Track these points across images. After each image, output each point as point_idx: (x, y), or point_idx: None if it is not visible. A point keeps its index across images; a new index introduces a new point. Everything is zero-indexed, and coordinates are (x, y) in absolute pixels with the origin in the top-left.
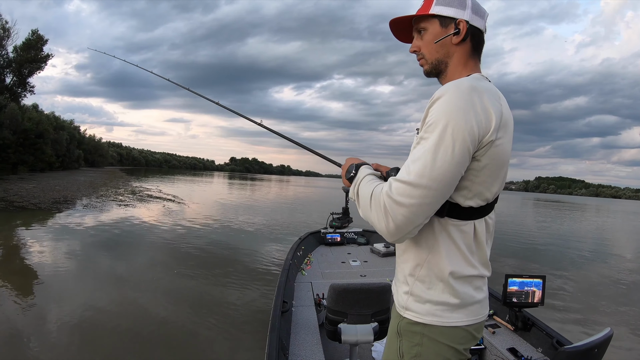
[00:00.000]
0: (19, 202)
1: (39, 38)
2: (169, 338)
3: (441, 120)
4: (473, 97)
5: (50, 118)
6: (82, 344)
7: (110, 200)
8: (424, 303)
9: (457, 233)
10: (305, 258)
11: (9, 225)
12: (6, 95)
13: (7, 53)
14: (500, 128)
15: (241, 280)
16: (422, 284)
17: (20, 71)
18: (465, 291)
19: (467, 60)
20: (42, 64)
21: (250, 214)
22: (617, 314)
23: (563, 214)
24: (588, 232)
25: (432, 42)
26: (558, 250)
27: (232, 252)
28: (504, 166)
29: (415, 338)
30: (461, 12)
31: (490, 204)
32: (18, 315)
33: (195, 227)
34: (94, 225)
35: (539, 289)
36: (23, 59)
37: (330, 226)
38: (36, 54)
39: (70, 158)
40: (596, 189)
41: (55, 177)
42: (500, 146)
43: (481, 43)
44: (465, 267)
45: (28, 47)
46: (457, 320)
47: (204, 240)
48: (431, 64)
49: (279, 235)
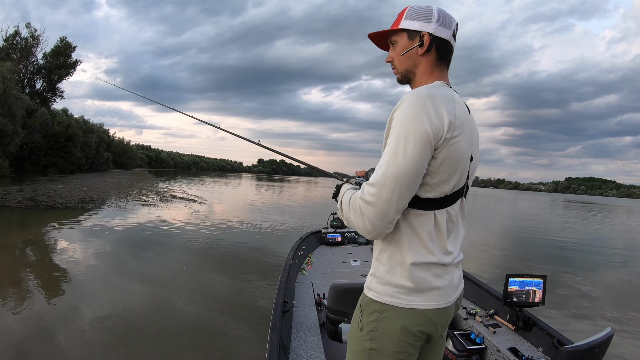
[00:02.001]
0: (47, 201)
1: (67, 45)
2: (168, 337)
3: (399, 126)
4: (427, 103)
5: (80, 122)
6: (107, 339)
7: (134, 201)
8: (383, 285)
9: (418, 222)
10: (306, 258)
11: (37, 223)
12: (36, 101)
13: (37, 60)
14: (455, 128)
15: (242, 280)
16: (384, 267)
17: (49, 77)
18: (423, 277)
19: (433, 69)
20: (70, 69)
21: (276, 214)
22: (618, 313)
23: (588, 215)
24: (609, 234)
25: (400, 54)
26: (569, 250)
27: (245, 251)
28: (460, 162)
29: (374, 315)
30: (426, 25)
31: (451, 196)
32: (48, 311)
33: (216, 228)
34: (117, 224)
35: (540, 288)
36: (52, 65)
37: (331, 226)
38: (65, 60)
39: (99, 160)
40: (627, 190)
41: (83, 179)
42: (455, 145)
43: (448, 51)
44: (424, 254)
45: (57, 53)
46: (412, 304)
47: (221, 240)
48: (401, 73)
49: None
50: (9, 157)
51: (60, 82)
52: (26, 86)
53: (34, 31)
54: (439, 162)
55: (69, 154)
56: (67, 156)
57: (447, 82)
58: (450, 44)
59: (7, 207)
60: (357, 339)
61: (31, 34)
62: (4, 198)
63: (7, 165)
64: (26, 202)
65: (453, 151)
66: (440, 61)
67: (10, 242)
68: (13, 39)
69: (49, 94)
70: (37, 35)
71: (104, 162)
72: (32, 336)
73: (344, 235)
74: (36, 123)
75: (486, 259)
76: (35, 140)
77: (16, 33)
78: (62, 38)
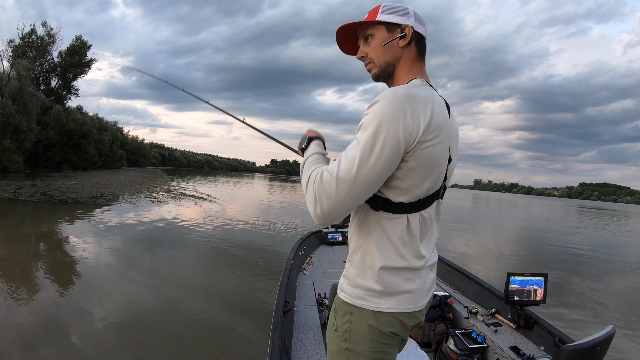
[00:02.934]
0: (59, 196)
1: (82, 44)
2: (172, 335)
3: (373, 125)
4: (404, 104)
5: (94, 119)
6: (117, 333)
7: (144, 197)
8: (354, 287)
9: (390, 226)
10: (307, 258)
11: (48, 217)
12: (52, 98)
13: (53, 58)
14: (430, 132)
15: (247, 280)
16: (355, 269)
17: (65, 75)
18: (392, 281)
19: (413, 63)
20: (86, 68)
21: (283, 214)
22: (620, 311)
23: (599, 222)
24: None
25: (380, 45)
26: (576, 254)
27: (251, 250)
28: (436, 166)
29: (346, 316)
30: (405, 19)
31: (424, 200)
32: (58, 304)
33: (223, 226)
34: (126, 219)
35: (541, 287)
36: (68, 63)
37: (331, 226)
38: (80, 59)
39: (112, 158)
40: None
41: (96, 175)
42: (429, 148)
43: (424, 48)
44: (395, 258)
45: (72, 52)
46: (382, 307)
47: (227, 238)
48: (380, 67)
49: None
50: (23, 153)
51: (75, 80)
52: (42, 84)
53: (50, 30)
54: (410, 165)
55: (82, 151)
56: (80, 153)
57: (427, 80)
58: (425, 41)
59: (21, 201)
60: (334, 339)
61: (47, 33)
62: (17, 192)
63: (22, 161)
64: (39, 196)
65: (426, 155)
66: (419, 56)
67: (20, 234)
68: (29, 37)
69: (64, 91)
70: (52, 34)
71: (117, 159)
72: (44, 330)
73: (345, 235)
74: (50, 120)
75: (493, 260)
76: (50, 137)
77: (32, 31)
78: (78, 37)
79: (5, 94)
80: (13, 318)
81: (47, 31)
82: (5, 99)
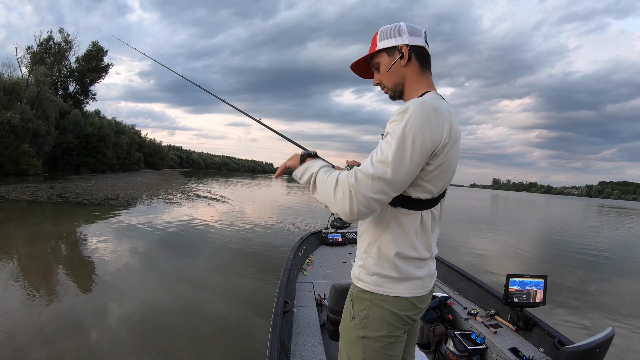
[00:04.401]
0: (74, 197)
1: (99, 49)
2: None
3: (405, 132)
4: (431, 116)
5: (112, 123)
6: (136, 333)
7: (158, 199)
8: (372, 275)
9: (406, 220)
10: (306, 258)
11: (61, 217)
12: (70, 103)
13: (70, 63)
14: (450, 139)
15: (246, 280)
16: (372, 259)
17: (82, 80)
18: (406, 268)
19: (420, 77)
20: (102, 73)
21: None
22: (619, 313)
23: (617, 221)
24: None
25: (385, 71)
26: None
27: (260, 250)
28: (451, 168)
29: (364, 303)
30: (400, 38)
31: (436, 198)
32: (79, 304)
33: (235, 226)
34: (138, 220)
35: (541, 288)
36: (85, 68)
37: (331, 226)
38: (97, 64)
39: (130, 160)
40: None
41: (113, 178)
42: (448, 154)
43: (426, 56)
44: (409, 249)
45: (89, 57)
46: (398, 292)
47: (237, 239)
48: (391, 89)
49: None
50: (42, 156)
51: (93, 85)
52: (60, 89)
53: (67, 36)
54: (432, 168)
55: (100, 154)
56: (98, 156)
57: (436, 91)
58: (426, 49)
59: (38, 202)
60: (350, 329)
61: (64, 39)
62: (34, 194)
63: (40, 164)
64: (55, 198)
65: (446, 159)
66: (423, 67)
67: (37, 234)
68: (46, 43)
69: (81, 96)
70: (69, 40)
71: (135, 162)
72: (65, 327)
73: (344, 236)
74: (68, 124)
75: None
76: (68, 141)
77: (49, 38)
78: (94, 43)
79: (24, 100)
80: (36, 315)
81: (64, 37)
82: (24, 105)
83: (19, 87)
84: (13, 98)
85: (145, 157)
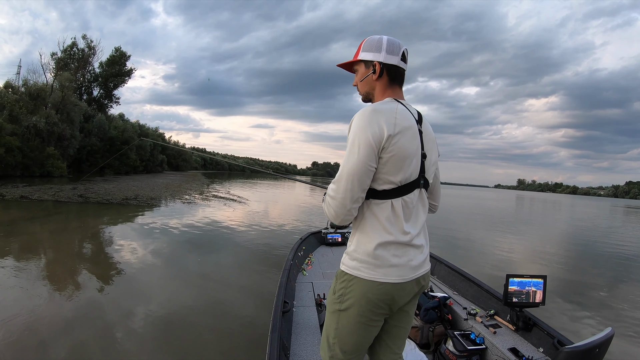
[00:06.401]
0: (95, 198)
1: (122, 54)
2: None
3: (351, 137)
4: (370, 117)
5: (135, 126)
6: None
7: (176, 199)
8: (353, 260)
9: (378, 209)
10: (306, 258)
11: (86, 215)
12: (93, 107)
13: (94, 68)
14: (394, 135)
15: (245, 281)
16: (353, 246)
17: (106, 84)
18: (382, 255)
19: (385, 90)
20: (125, 77)
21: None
22: (618, 313)
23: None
24: None
25: (359, 80)
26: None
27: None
28: (405, 159)
29: (343, 283)
30: (377, 55)
31: (403, 187)
32: (102, 301)
33: (249, 227)
34: (152, 219)
35: (540, 288)
36: (108, 73)
37: (331, 226)
38: (120, 69)
39: (153, 162)
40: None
41: (136, 179)
42: (396, 145)
43: (398, 74)
44: (384, 234)
45: (112, 62)
46: (373, 277)
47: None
48: (362, 95)
49: None
50: (67, 159)
51: (116, 89)
52: (84, 93)
53: (90, 42)
54: (385, 160)
55: (124, 156)
56: (122, 158)
57: (397, 98)
58: (399, 68)
59: (59, 202)
60: (331, 301)
61: (87, 45)
62: (56, 194)
63: (65, 166)
64: (76, 198)
65: (395, 151)
66: (392, 83)
67: (55, 230)
68: (70, 49)
69: (105, 100)
70: (93, 46)
71: (159, 164)
72: (88, 324)
73: (344, 236)
74: (92, 127)
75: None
76: (93, 144)
77: (73, 44)
78: (117, 48)
79: (49, 104)
80: (60, 312)
81: (87, 43)
82: (49, 109)
83: (44, 92)
84: (38, 103)
85: (168, 159)
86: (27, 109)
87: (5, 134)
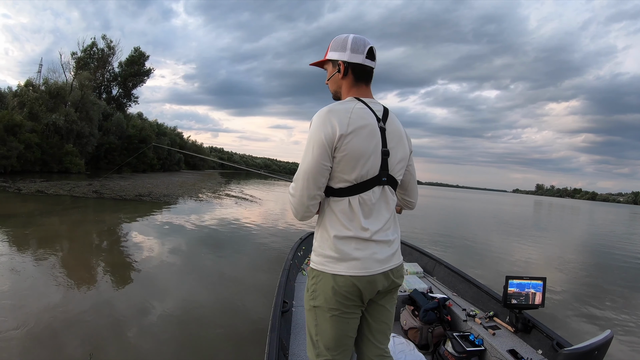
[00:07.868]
0: (109, 194)
1: (141, 54)
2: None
3: (308, 136)
4: (325, 117)
5: (153, 125)
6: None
7: (188, 197)
8: (318, 256)
9: (335, 206)
10: (305, 258)
11: (100, 209)
12: (112, 105)
13: (113, 68)
14: (347, 134)
15: (244, 280)
16: (317, 242)
17: (125, 84)
18: (343, 249)
19: (350, 89)
20: (144, 77)
21: None
22: (618, 315)
23: None
24: None
25: (328, 78)
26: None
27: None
28: (360, 158)
29: (314, 279)
30: (342, 54)
31: (360, 185)
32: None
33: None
34: (162, 216)
35: (539, 290)
36: (127, 73)
37: None
38: (139, 69)
39: (171, 161)
40: None
41: (152, 177)
42: (349, 144)
43: (363, 72)
44: (343, 230)
45: (131, 62)
46: (337, 270)
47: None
48: (332, 93)
49: None
50: (85, 156)
51: (135, 89)
52: (103, 92)
53: (110, 42)
54: (338, 160)
55: (141, 154)
56: (139, 156)
57: (361, 96)
58: (365, 66)
59: (75, 197)
60: (307, 299)
61: (107, 45)
62: (72, 190)
63: (83, 163)
64: (90, 194)
65: (347, 150)
66: (357, 81)
67: (67, 222)
68: (90, 49)
69: (124, 99)
70: (112, 46)
71: (176, 162)
72: (104, 322)
73: None
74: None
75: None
76: (111, 142)
77: (93, 44)
78: (136, 48)
79: (68, 103)
80: (76, 309)
81: (107, 43)
82: (68, 107)
83: (63, 91)
84: (58, 101)
85: (186, 158)
86: (46, 106)
87: (25, 130)
